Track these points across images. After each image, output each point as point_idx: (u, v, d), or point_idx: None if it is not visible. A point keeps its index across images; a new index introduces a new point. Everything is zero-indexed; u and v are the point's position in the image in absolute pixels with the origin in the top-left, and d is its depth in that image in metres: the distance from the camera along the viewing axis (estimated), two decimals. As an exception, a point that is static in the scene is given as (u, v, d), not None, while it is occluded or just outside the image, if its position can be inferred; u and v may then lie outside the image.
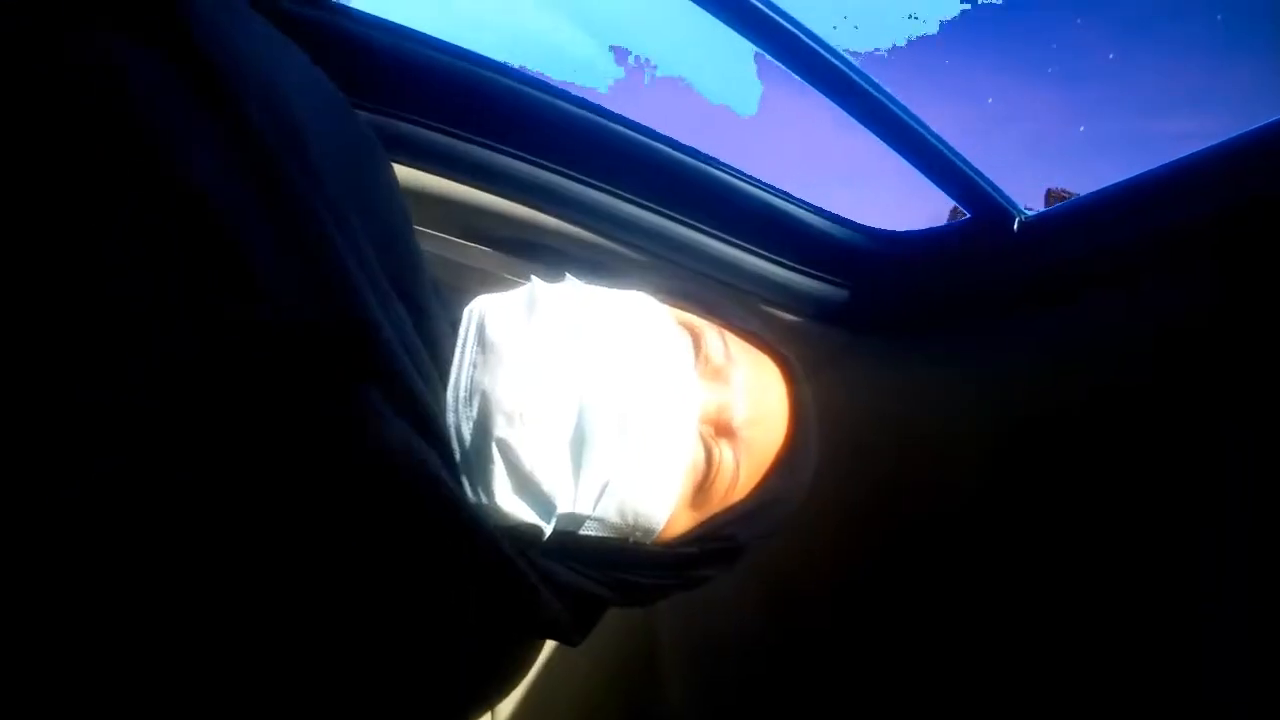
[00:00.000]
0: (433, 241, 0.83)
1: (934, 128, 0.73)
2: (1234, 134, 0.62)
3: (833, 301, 0.89)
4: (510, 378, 0.45)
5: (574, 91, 0.76)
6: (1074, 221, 0.75)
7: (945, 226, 0.84)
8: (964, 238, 0.82)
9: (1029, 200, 0.78)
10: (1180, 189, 0.66)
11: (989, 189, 0.75)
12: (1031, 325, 0.79)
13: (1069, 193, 0.84)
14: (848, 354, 0.94)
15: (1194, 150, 0.65)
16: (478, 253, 0.85)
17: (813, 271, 0.87)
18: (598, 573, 0.48)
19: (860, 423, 0.97)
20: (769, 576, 1.14)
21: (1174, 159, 0.66)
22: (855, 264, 0.87)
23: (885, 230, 0.87)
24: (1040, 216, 0.77)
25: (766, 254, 0.85)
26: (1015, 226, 0.78)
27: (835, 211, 0.85)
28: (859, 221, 0.86)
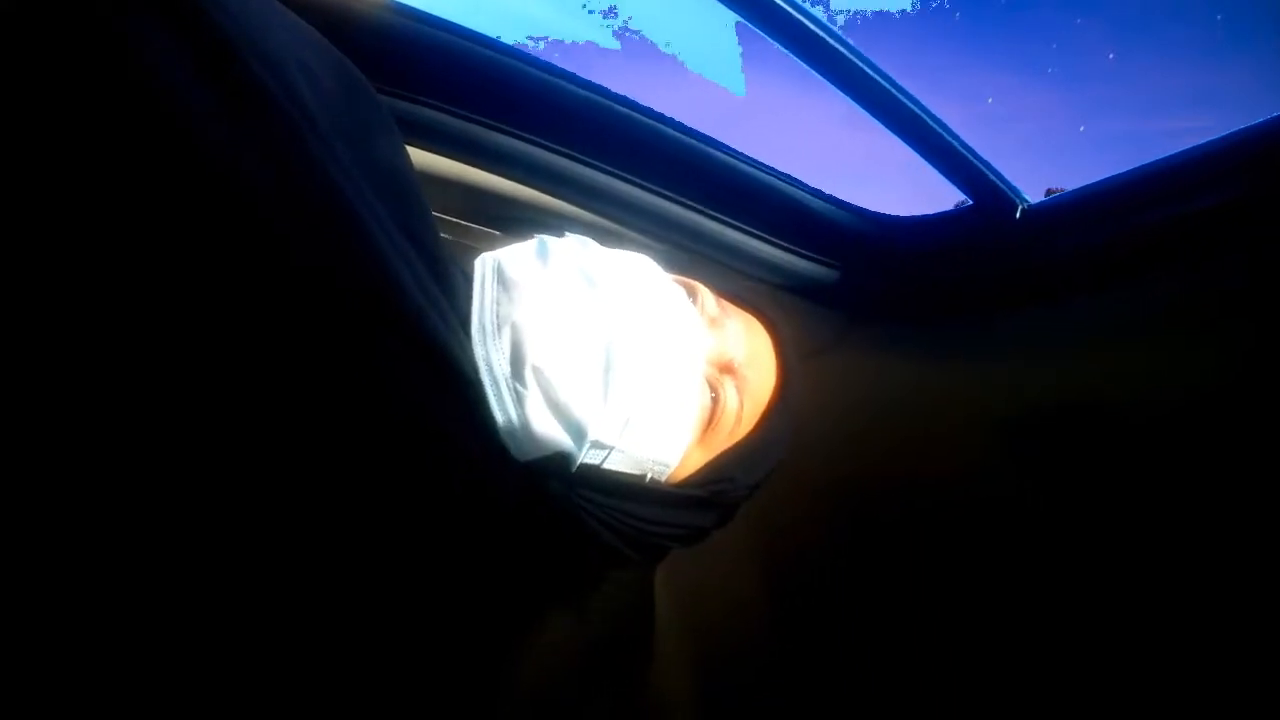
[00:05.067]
0: (438, 223, 0.83)
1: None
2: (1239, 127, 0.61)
3: (831, 285, 0.88)
4: (540, 310, 0.47)
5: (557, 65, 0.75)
6: (1078, 211, 0.74)
7: (946, 213, 0.82)
8: (965, 225, 0.81)
9: (1029, 200, 0.78)
10: (1187, 181, 0.65)
11: (991, 175, 0.74)
12: (1033, 316, 0.78)
13: (1069, 193, 0.83)
14: (846, 340, 0.94)
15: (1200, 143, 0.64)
16: (478, 234, 0.85)
17: (811, 254, 0.86)
18: (613, 511, 0.50)
19: (857, 409, 0.97)
20: (765, 556, 1.15)
21: (1180, 150, 0.66)
22: (854, 248, 0.86)
23: (886, 215, 0.86)
24: (1044, 205, 0.76)
25: (765, 235, 0.85)
26: (1018, 215, 0.77)
27: (835, 195, 0.84)
28: (859, 205, 0.85)
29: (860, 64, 0.66)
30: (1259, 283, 0.62)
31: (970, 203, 0.79)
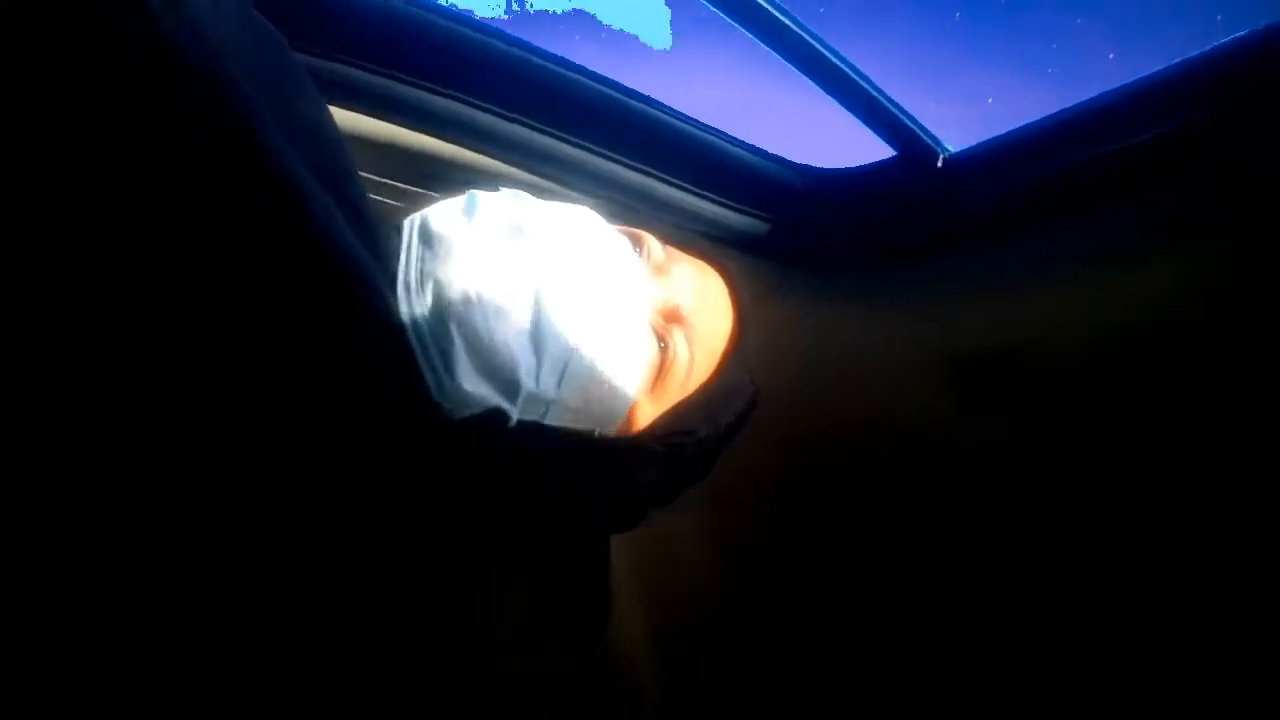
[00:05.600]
0: (366, 184, 0.81)
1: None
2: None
3: (762, 236, 0.89)
4: (462, 262, 0.45)
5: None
6: (997, 159, 0.76)
7: (871, 164, 0.84)
8: (888, 175, 0.83)
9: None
10: (1101, 127, 0.67)
11: (912, 125, 0.76)
12: (961, 260, 0.81)
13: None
14: (778, 289, 0.95)
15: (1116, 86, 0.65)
16: (411, 194, 0.83)
17: (741, 206, 0.87)
18: (557, 467, 0.49)
19: (791, 356, 0.99)
20: (715, 512, 1.17)
21: (1093, 96, 0.68)
22: (784, 199, 0.87)
23: (813, 167, 0.87)
24: (964, 154, 0.78)
25: (695, 189, 0.85)
26: (939, 164, 0.79)
27: (763, 147, 0.84)
28: (788, 158, 0.86)
29: (783, 18, 0.66)
30: (1181, 222, 0.64)
31: (895, 153, 0.80)
